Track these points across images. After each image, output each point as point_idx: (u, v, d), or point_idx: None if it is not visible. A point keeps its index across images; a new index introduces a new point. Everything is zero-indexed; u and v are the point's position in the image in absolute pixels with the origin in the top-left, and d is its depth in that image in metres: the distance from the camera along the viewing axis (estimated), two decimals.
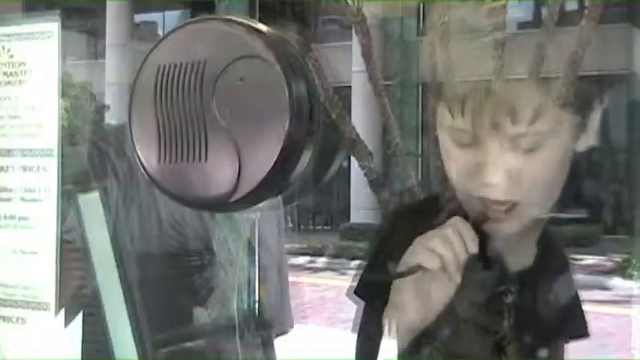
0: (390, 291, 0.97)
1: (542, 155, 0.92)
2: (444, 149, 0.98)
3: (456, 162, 0.96)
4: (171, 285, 1.14)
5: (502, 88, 0.90)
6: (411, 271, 0.92)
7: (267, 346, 1.11)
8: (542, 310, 1.03)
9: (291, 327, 1.32)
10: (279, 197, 0.70)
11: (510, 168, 0.92)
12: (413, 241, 0.94)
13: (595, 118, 0.98)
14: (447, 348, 0.97)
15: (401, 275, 0.93)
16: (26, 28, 0.77)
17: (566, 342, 1.12)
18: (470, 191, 0.95)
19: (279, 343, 1.20)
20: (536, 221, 1.00)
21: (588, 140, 0.99)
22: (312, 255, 11.62)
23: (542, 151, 0.92)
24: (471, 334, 1.00)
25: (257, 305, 0.87)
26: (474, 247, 0.93)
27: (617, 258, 11.80)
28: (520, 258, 1.04)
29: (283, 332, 1.27)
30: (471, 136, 0.93)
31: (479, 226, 0.95)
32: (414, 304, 0.95)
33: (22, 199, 0.76)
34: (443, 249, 0.91)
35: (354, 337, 1.04)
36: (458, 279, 0.92)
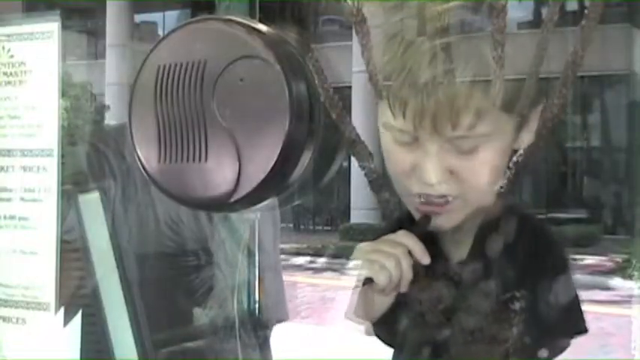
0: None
1: (481, 156, 0.95)
2: (384, 147, 1.00)
3: (395, 160, 0.98)
4: (170, 285, 1.14)
5: (444, 92, 0.91)
6: (362, 283, 0.96)
7: (264, 346, 1.11)
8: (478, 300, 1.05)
9: (286, 319, 1.32)
10: (276, 197, 0.70)
11: (449, 168, 0.94)
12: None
13: (536, 116, 1.00)
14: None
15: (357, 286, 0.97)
16: (26, 28, 0.76)
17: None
18: (409, 188, 0.97)
19: (278, 343, 1.20)
20: (475, 214, 1.02)
21: (528, 138, 1.01)
22: (312, 255, 11.61)
23: (481, 152, 0.94)
24: (420, 328, 1.03)
25: (256, 305, 0.87)
26: (425, 260, 0.96)
27: (617, 258, 11.80)
28: (458, 250, 1.06)
29: (281, 320, 1.27)
30: (412, 137, 0.94)
31: (421, 224, 0.98)
32: (361, 307, 1.01)
33: (22, 199, 0.76)
34: (394, 269, 0.94)
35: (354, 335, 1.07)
36: (404, 289, 0.96)
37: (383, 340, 1.06)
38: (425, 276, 0.99)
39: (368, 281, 0.96)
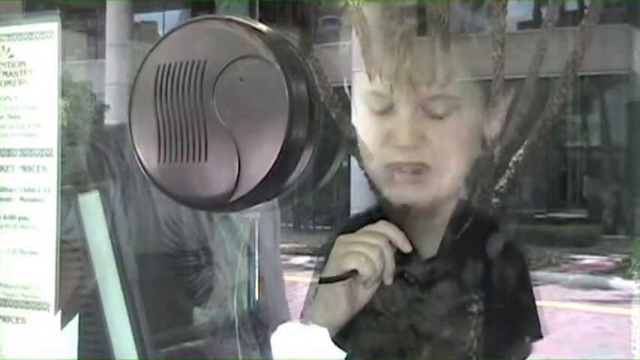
0: (317, 289, 1.01)
1: (452, 122, 0.97)
2: (360, 122, 1.02)
3: (369, 130, 1.00)
4: (170, 285, 1.14)
5: (419, 51, 0.94)
6: (348, 276, 0.96)
7: (265, 346, 1.11)
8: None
9: (287, 320, 1.32)
10: (276, 197, 0.70)
11: (421, 131, 0.96)
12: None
13: (505, 104, 1.03)
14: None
15: (339, 279, 0.96)
16: (26, 28, 0.76)
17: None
18: (381, 159, 0.99)
19: (278, 343, 1.20)
20: (446, 199, 1.03)
21: (497, 127, 1.03)
22: (311, 255, 11.62)
23: (452, 119, 0.97)
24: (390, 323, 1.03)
25: (256, 305, 0.87)
26: (407, 249, 0.96)
27: (617, 258, 11.81)
28: (430, 243, 1.06)
29: (283, 321, 1.27)
30: (387, 101, 0.96)
31: (399, 211, 0.98)
32: (344, 302, 0.99)
33: (22, 198, 0.76)
34: (377, 260, 0.94)
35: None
36: (389, 282, 0.96)
37: (339, 346, 1.02)
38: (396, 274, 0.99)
39: (350, 274, 0.96)
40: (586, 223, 15.39)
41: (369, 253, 0.95)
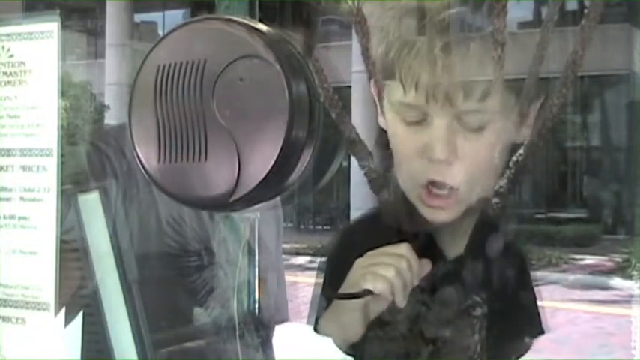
0: (329, 306, 1.00)
1: (486, 137, 0.96)
2: (391, 130, 1.00)
3: (402, 141, 0.98)
4: (170, 285, 1.14)
5: (457, 64, 0.93)
6: (362, 294, 0.95)
7: (266, 346, 1.11)
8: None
9: (286, 320, 1.32)
10: (278, 197, 0.70)
11: (456, 145, 0.94)
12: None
13: (534, 112, 1.01)
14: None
15: (354, 296, 0.96)
16: (26, 28, 0.76)
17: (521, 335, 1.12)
18: (415, 174, 0.97)
19: (279, 343, 1.20)
20: (472, 209, 1.02)
21: (527, 132, 1.02)
22: (312, 255, 11.61)
23: (487, 133, 0.95)
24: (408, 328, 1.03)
25: (257, 305, 0.87)
26: (425, 271, 0.96)
27: (617, 258, 11.80)
28: (453, 246, 1.05)
29: (282, 321, 1.27)
30: (421, 113, 0.95)
31: (418, 218, 0.97)
32: (357, 320, 0.99)
33: (22, 198, 0.76)
34: (396, 279, 0.94)
35: None
36: (404, 302, 0.96)
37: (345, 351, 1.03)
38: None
39: (365, 293, 0.95)
40: (586, 223, 15.39)
41: (386, 274, 0.94)
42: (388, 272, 0.93)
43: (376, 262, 0.96)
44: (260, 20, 0.70)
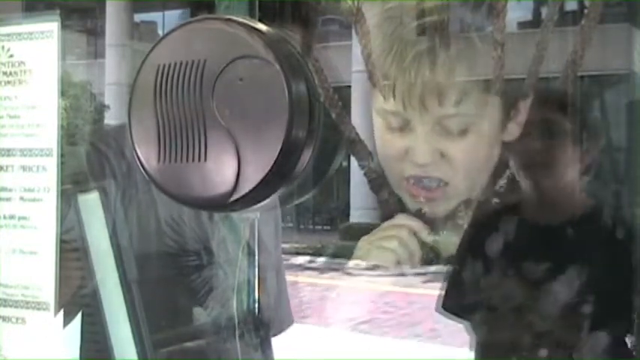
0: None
1: (470, 139, 0.97)
2: (376, 134, 1.02)
3: (388, 146, 1.00)
4: (170, 285, 1.14)
5: (429, 71, 0.94)
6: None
7: (265, 346, 1.11)
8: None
9: (290, 325, 1.33)
10: (277, 197, 0.70)
11: (440, 150, 0.96)
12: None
13: (525, 109, 1.02)
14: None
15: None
16: (26, 28, 0.76)
17: None
18: (400, 172, 0.99)
19: (278, 342, 1.20)
20: (466, 203, 1.04)
21: (516, 129, 1.03)
22: (312, 255, 11.61)
23: (470, 135, 0.96)
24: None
25: (256, 305, 0.87)
26: (426, 238, 0.97)
27: None
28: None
29: (281, 331, 1.27)
30: (402, 119, 0.96)
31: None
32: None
33: (22, 198, 0.76)
34: (399, 248, 0.96)
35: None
36: (417, 265, 0.98)
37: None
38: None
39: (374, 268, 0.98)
40: None
41: (390, 246, 0.97)
42: (391, 244, 0.96)
43: (379, 237, 0.98)
44: (260, 20, 0.70)
